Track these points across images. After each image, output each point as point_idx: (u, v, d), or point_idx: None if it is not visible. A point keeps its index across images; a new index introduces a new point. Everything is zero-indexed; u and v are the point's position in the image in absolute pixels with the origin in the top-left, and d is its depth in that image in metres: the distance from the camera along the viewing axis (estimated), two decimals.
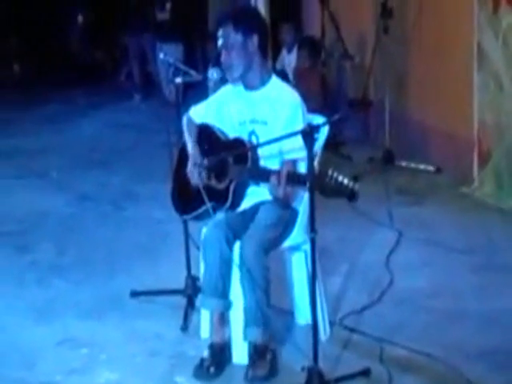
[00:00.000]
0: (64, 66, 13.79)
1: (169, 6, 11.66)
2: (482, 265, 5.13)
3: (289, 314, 4.43)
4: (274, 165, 4.00)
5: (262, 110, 4.07)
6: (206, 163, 4.04)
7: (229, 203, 4.02)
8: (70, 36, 15.19)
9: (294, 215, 4.08)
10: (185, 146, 4.30)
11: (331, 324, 4.32)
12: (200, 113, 4.33)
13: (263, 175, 3.85)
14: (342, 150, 8.08)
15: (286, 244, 4.10)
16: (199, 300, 4.08)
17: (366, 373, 3.81)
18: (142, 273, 5.22)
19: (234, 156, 3.98)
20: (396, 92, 7.88)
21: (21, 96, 12.55)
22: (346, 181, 3.39)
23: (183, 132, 4.35)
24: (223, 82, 4.34)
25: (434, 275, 5.03)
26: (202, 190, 4.02)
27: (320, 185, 3.42)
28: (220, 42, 4.07)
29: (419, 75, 7.70)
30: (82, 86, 12.87)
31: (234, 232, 3.92)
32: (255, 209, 4.07)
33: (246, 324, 3.89)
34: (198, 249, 4.20)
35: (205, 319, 4.23)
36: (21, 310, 4.78)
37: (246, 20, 4.08)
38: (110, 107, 11.77)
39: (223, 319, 4.05)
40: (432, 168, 7.25)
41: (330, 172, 3.40)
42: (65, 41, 15.00)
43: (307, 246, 3.78)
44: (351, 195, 3.40)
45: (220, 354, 3.99)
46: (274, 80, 4.17)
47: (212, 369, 3.92)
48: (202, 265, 4.02)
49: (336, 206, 4.16)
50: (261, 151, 4.01)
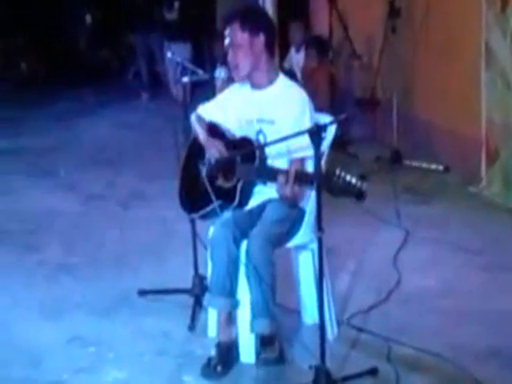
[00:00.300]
0: (72, 65, 13.78)
1: (177, 5, 11.67)
2: (491, 264, 5.11)
3: (296, 313, 4.43)
4: (281, 164, 4.00)
5: (269, 109, 4.07)
6: (213, 162, 4.05)
7: (236, 202, 4.02)
8: (77, 35, 15.20)
9: (302, 214, 4.08)
10: (193, 144, 4.30)
11: (339, 323, 4.32)
12: (207, 111, 4.33)
13: (271, 174, 3.85)
14: (349, 149, 8.08)
15: (293, 243, 4.10)
16: (206, 299, 4.08)
17: (373, 372, 3.81)
18: (150, 272, 5.22)
19: (241, 155, 3.99)
20: (404, 91, 7.86)
21: (28, 95, 12.55)
22: (353, 180, 3.38)
23: (191, 130, 4.35)
24: (231, 80, 4.34)
25: (441, 274, 5.02)
26: (210, 188, 4.02)
27: (328, 184, 3.42)
28: (227, 41, 4.08)
29: (427, 74, 7.69)
30: (90, 85, 12.87)
31: (242, 231, 3.92)
32: (262, 207, 4.07)
33: (254, 316, 3.89)
34: (206, 248, 4.20)
35: (212, 318, 4.23)
36: (29, 309, 4.78)
37: (253, 19, 4.08)
38: (118, 106, 11.77)
39: (230, 318, 4.05)
40: (440, 167, 7.23)
41: (337, 171, 3.40)
42: (72, 40, 15.01)
43: (314, 245, 3.78)
44: (359, 194, 3.39)
45: (227, 352, 4.00)
46: (282, 79, 4.17)
47: (219, 368, 3.92)
48: (210, 264, 4.03)
49: (343, 205, 4.16)
50: (268, 150, 4.00)
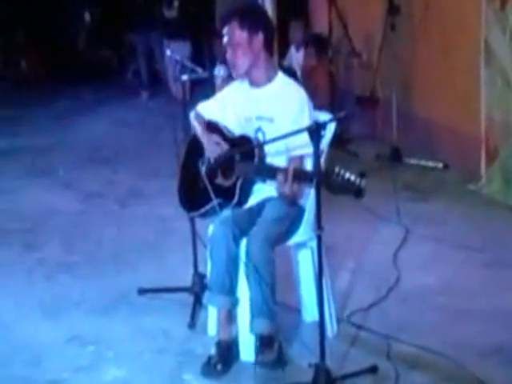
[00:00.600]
0: (71, 64, 13.79)
1: (176, 3, 11.66)
2: (491, 261, 5.11)
3: (296, 311, 4.43)
4: (280, 161, 4.00)
5: (268, 107, 4.07)
6: (212, 160, 4.05)
7: (235, 200, 4.02)
8: (76, 33, 15.20)
9: (301, 212, 4.08)
10: (192, 142, 4.30)
11: (338, 321, 4.32)
12: (207, 109, 4.33)
13: (270, 172, 3.85)
14: (349, 146, 8.08)
15: (292, 241, 4.10)
16: (206, 297, 4.08)
17: (373, 370, 3.81)
18: (149, 270, 5.23)
19: (240, 153, 3.99)
20: (403, 89, 7.86)
21: (28, 93, 12.55)
22: (352, 177, 3.38)
23: (190, 128, 4.35)
24: (230, 78, 4.34)
25: (441, 272, 5.02)
26: (209, 186, 4.02)
27: (327, 182, 3.42)
28: (225, 40, 4.07)
29: (426, 72, 7.68)
30: (89, 84, 12.87)
31: (241, 229, 3.91)
32: (262, 205, 4.07)
33: (253, 316, 3.88)
34: (205, 246, 4.20)
35: (212, 316, 4.23)
36: (28, 307, 4.79)
37: (251, 17, 4.07)
38: (117, 105, 11.77)
39: (230, 316, 4.05)
40: (440, 165, 7.23)
41: (336, 169, 3.39)
42: (72, 38, 15.00)
43: (314, 243, 3.77)
44: (358, 192, 3.39)
45: (227, 351, 4.00)
46: (281, 77, 4.16)
47: (219, 366, 3.92)
48: (209, 262, 4.02)
49: (343, 203, 4.16)
50: (267, 148, 4.00)
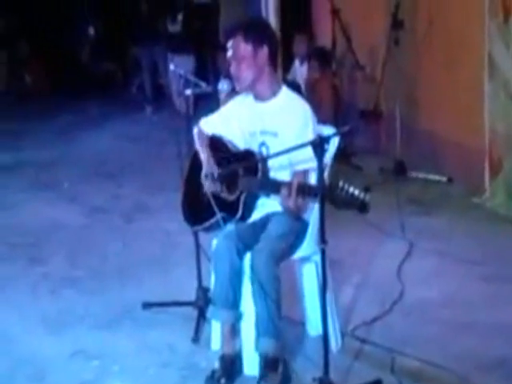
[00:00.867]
0: (75, 78, 13.82)
1: (180, 17, 11.68)
2: (494, 275, 5.11)
3: (300, 324, 4.43)
4: (284, 176, 4.00)
5: (272, 122, 4.08)
6: (216, 175, 4.06)
7: (239, 214, 4.02)
8: (80, 47, 15.24)
9: (305, 226, 4.08)
10: (196, 157, 4.31)
11: (342, 335, 4.32)
12: (211, 124, 4.34)
13: (274, 187, 3.85)
14: (353, 160, 8.08)
15: (296, 255, 4.10)
16: (210, 311, 4.08)
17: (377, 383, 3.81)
18: (154, 284, 5.23)
19: (244, 167, 3.99)
20: (407, 102, 7.87)
21: (31, 107, 12.58)
22: (356, 192, 3.38)
23: (194, 143, 4.37)
24: (234, 93, 4.35)
25: (445, 286, 5.02)
26: (213, 201, 4.03)
27: (331, 196, 3.42)
28: (230, 53, 4.07)
29: (430, 85, 7.69)
30: (93, 98, 12.91)
31: (245, 243, 3.92)
32: (265, 220, 4.07)
33: (258, 335, 3.87)
34: (209, 260, 4.21)
35: (216, 330, 4.22)
36: (33, 322, 4.79)
37: (256, 31, 4.08)
38: (122, 119, 11.78)
39: (234, 330, 4.04)
40: (444, 178, 7.23)
41: (340, 183, 3.40)
42: (76, 52, 15.05)
43: (318, 257, 3.78)
44: (362, 207, 3.39)
45: (231, 365, 3.99)
46: (285, 91, 4.16)
47: (223, 380, 3.92)
48: (213, 276, 4.03)
49: (347, 217, 4.15)
50: (271, 162, 4.01)
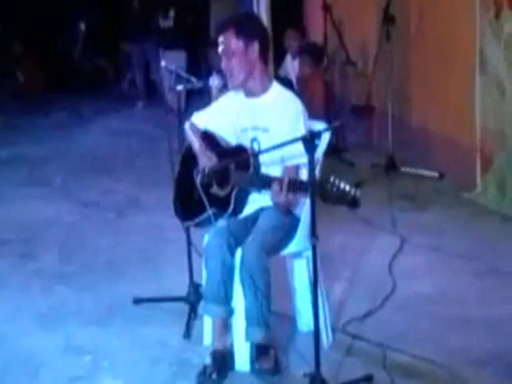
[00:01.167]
0: (67, 74, 13.77)
1: (172, 13, 11.66)
2: (486, 270, 5.12)
3: (291, 320, 4.43)
4: (276, 171, 4.00)
5: (263, 117, 4.07)
6: (207, 170, 4.06)
7: (230, 210, 4.02)
8: (72, 44, 15.18)
9: (296, 222, 4.08)
10: (188, 152, 4.31)
11: (334, 330, 4.33)
12: (202, 119, 4.34)
13: (265, 182, 3.85)
14: (344, 156, 8.08)
15: (288, 250, 4.10)
16: (201, 307, 4.07)
17: (368, 379, 3.81)
18: (145, 280, 5.22)
19: (235, 163, 3.98)
20: (399, 98, 7.87)
21: (24, 104, 12.53)
22: (347, 187, 3.38)
23: (185, 137, 4.36)
24: (226, 88, 4.34)
25: (436, 281, 5.02)
26: (204, 196, 4.03)
27: (321, 192, 3.42)
28: (220, 49, 4.06)
29: (421, 81, 7.70)
30: (85, 94, 12.84)
31: (236, 239, 3.92)
32: (257, 215, 4.07)
33: (248, 324, 3.89)
34: (201, 256, 4.20)
35: (207, 326, 4.22)
36: (24, 318, 4.78)
37: (247, 27, 4.07)
38: (113, 115, 11.74)
39: (225, 326, 4.05)
40: (435, 174, 7.24)
41: (331, 179, 3.40)
42: (67, 48, 14.99)
43: (309, 253, 3.78)
44: (353, 202, 3.39)
45: (222, 360, 3.99)
46: (276, 87, 4.16)
47: (214, 376, 3.91)
48: (204, 272, 4.03)
49: (339, 213, 4.17)
50: (262, 158, 4.00)
